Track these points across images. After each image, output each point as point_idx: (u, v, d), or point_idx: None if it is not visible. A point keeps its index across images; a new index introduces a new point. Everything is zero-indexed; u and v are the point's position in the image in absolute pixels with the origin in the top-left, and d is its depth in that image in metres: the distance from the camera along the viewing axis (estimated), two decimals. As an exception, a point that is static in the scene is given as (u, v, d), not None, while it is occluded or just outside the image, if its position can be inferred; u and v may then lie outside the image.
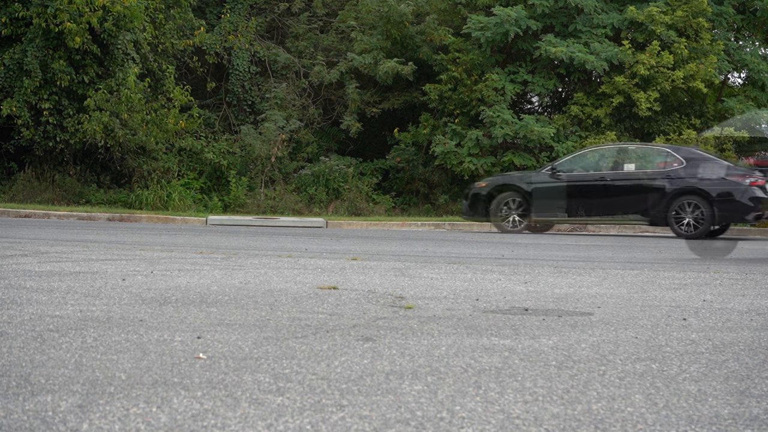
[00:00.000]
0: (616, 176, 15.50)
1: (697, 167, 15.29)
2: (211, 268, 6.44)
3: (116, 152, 19.88)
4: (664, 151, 15.72)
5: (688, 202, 14.99)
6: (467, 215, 16.24)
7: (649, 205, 15.23)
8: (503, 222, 15.64)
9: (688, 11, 21.46)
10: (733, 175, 15.18)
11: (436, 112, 23.06)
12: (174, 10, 22.02)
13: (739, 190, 15.10)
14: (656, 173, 15.30)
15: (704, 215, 14.90)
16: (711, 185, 15.05)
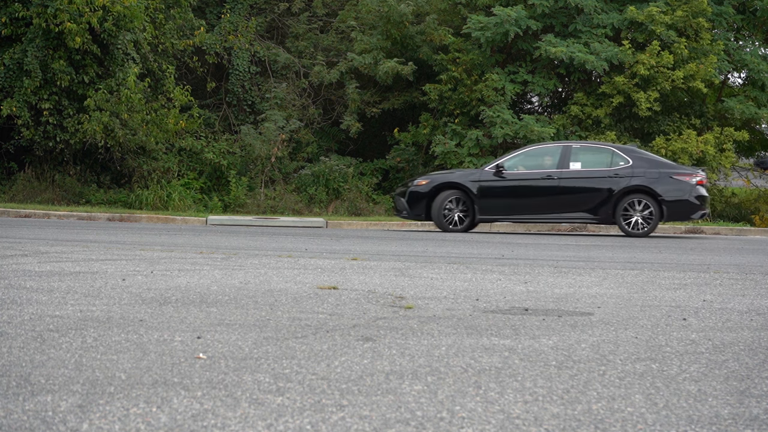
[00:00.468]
0: (563, 175, 15.27)
1: (644, 166, 15.30)
2: (211, 268, 6.44)
3: (116, 152, 19.88)
4: (610, 150, 15.61)
5: (637, 200, 14.97)
6: (406, 215, 15.48)
7: (597, 203, 15.12)
8: (445, 221, 15.18)
9: (688, 11, 21.46)
10: (680, 174, 15.29)
11: (436, 112, 23.06)
12: (174, 10, 22.03)
13: (686, 189, 15.20)
14: (604, 172, 15.23)
15: (653, 214, 14.93)
16: (659, 184, 15.09)
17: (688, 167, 16.16)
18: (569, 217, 15.27)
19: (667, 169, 15.40)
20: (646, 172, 15.25)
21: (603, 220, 15.20)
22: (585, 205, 15.17)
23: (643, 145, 21.56)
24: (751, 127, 24.18)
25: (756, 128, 24.88)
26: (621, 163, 15.33)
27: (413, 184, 15.61)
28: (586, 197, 15.18)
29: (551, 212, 15.22)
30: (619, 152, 15.55)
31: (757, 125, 24.70)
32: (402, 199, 15.59)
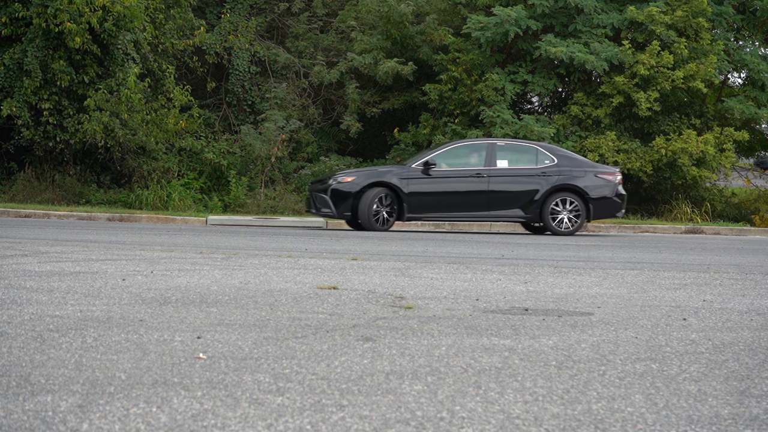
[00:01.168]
0: (492, 173, 15.03)
1: (569, 165, 15.23)
2: (211, 268, 6.44)
3: (116, 152, 19.88)
4: (534, 148, 15.48)
5: (564, 199, 14.92)
6: (331, 213, 14.69)
7: (526, 202, 14.97)
8: (375, 220, 14.52)
9: (688, 11, 21.47)
10: (603, 173, 15.30)
11: (436, 112, 23.06)
12: (174, 10, 22.02)
13: (610, 188, 15.23)
14: (532, 170, 15.10)
15: (580, 212, 14.92)
16: (585, 182, 15.05)
17: (609, 166, 16.15)
18: (499, 215, 15.03)
19: (591, 167, 15.35)
20: (572, 170, 15.16)
21: (532, 219, 15.05)
22: (515, 204, 14.97)
23: (643, 145, 21.56)
24: (751, 127, 24.18)
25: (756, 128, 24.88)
26: (546, 162, 15.20)
27: (337, 181, 14.79)
28: (515, 195, 14.98)
29: (481, 210, 14.94)
30: (544, 150, 15.43)
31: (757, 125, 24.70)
32: (324, 196, 14.74)
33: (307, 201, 15.35)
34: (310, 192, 15.26)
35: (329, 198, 14.62)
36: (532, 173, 15.09)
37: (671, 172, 21.33)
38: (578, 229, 15.11)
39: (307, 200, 15.35)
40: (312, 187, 15.33)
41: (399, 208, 14.70)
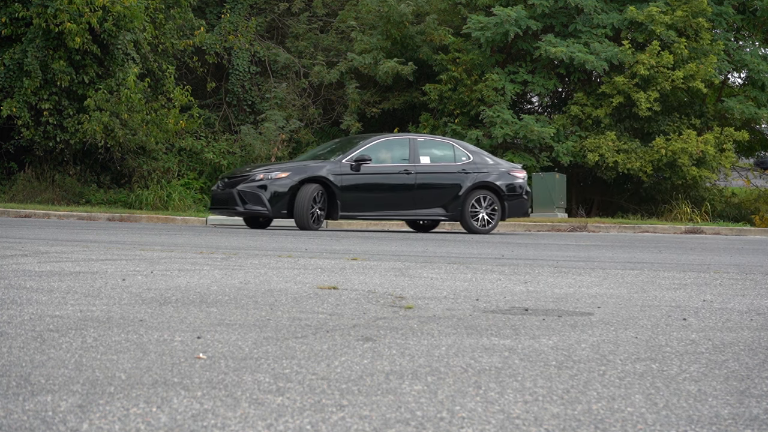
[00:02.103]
0: (418, 169, 14.51)
1: (483, 162, 14.97)
2: (211, 268, 6.44)
3: (116, 152, 19.88)
4: (451, 144, 15.15)
5: (483, 196, 14.69)
6: (265, 212, 13.63)
7: (449, 200, 14.63)
8: (310, 219, 13.64)
9: (688, 11, 21.47)
10: (513, 171, 15.15)
11: (436, 112, 23.06)
12: (174, 10, 22.03)
13: (522, 186, 15.17)
14: (453, 167, 14.76)
15: (496, 210, 14.73)
16: (500, 180, 14.85)
17: (515, 163, 15.99)
18: (424, 213, 14.63)
19: (502, 165, 15.16)
20: (487, 167, 14.88)
21: (454, 217, 14.74)
22: (439, 202, 14.59)
23: (643, 145, 21.56)
24: (751, 127, 24.19)
25: (756, 128, 24.88)
26: (463, 158, 14.90)
27: (272, 177, 13.69)
28: (440, 193, 14.60)
29: (408, 209, 14.47)
30: (460, 147, 15.11)
31: (757, 125, 24.72)
32: (259, 193, 13.58)
33: (223, 199, 13.86)
34: (234, 189, 13.71)
35: (265, 195, 13.54)
36: (453, 170, 14.72)
37: (671, 172, 21.33)
38: (493, 229, 14.82)
39: (223, 198, 13.85)
40: (229, 182, 13.98)
41: (332, 205, 13.89)
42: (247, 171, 14.15)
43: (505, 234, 15.53)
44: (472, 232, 14.68)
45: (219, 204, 14.09)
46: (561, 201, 20.46)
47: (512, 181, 15.02)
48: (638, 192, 23.32)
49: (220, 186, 14.17)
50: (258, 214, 13.79)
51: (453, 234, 15.14)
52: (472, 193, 14.66)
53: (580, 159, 21.35)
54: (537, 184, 20.40)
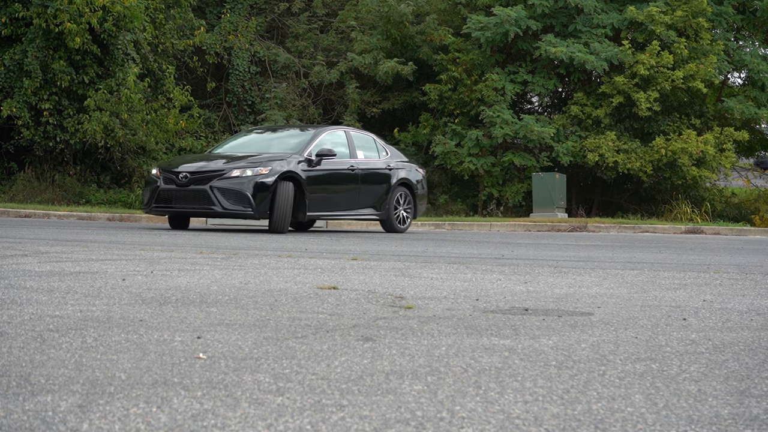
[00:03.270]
0: (359, 165, 13.41)
1: (399, 157, 14.37)
2: (211, 268, 6.43)
3: (116, 152, 19.89)
4: (371, 138, 14.28)
5: (402, 194, 14.03)
6: (249, 213, 12.04)
7: (380, 197, 13.70)
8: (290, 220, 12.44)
9: (688, 11, 21.48)
10: (418, 168, 14.67)
11: (436, 112, 23.07)
12: (174, 10, 22.03)
13: (425, 184, 14.74)
14: (381, 162, 13.88)
15: (410, 209, 14.17)
16: (413, 177, 14.30)
17: (415, 160, 15.48)
18: (363, 213, 13.53)
19: (409, 161, 14.61)
20: (402, 164, 14.25)
21: (382, 216, 13.79)
22: (373, 200, 13.60)
23: (643, 145, 21.57)
24: (751, 127, 24.20)
25: (756, 128, 24.89)
26: (383, 154, 14.11)
27: (249, 174, 12.06)
28: (375, 191, 13.64)
29: (352, 208, 13.34)
30: (378, 141, 14.31)
31: (757, 125, 24.72)
32: (242, 191, 11.99)
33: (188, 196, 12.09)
34: (206, 187, 11.99)
35: (250, 193, 11.94)
36: (382, 167, 13.84)
37: (671, 172, 21.33)
38: (409, 227, 14.31)
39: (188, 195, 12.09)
40: (194, 177, 12.12)
41: (299, 205, 12.48)
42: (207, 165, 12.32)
43: (504, 234, 15.53)
44: (394, 231, 13.95)
45: (182, 202, 12.15)
46: (561, 201, 20.45)
47: (420, 178, 14.42)
48: (638, 192, 23.32)
49: (178, 181, 12.13)
50: (241, 216, 12.12)
51: (372, 233, 15.13)
52: (395, 191, 13.85)
53: (580, 159, 21.35)
54: (537, 184, 20.39)
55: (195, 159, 13.03)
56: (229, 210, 12.01)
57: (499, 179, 21.79)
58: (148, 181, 12.76)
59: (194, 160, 12.79)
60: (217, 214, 12.27)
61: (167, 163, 12.86)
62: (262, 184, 11.96)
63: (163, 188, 12.30)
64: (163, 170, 12.47)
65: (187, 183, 12.14)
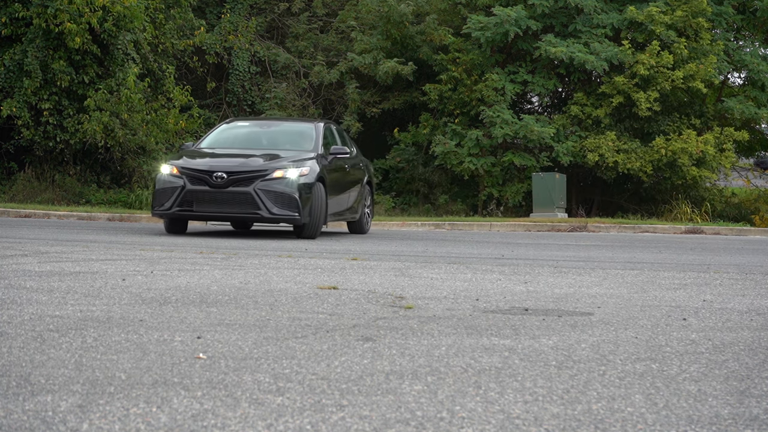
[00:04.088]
0: (348, 163, 12.49)
1: (359, 153, 13.68)
2: (211, 268, 6.43)
3: (116, 152, 19.89)
4: (342, 130, 13.57)
5: (368, 192, 13.30)
6: (296, 218, 10.80)
7: (357, 196, 12.80)
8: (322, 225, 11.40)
9: (688, 11, 21.49)
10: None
11: (436, 112, 23.08)
12: (174, 10, 22.03)
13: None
14: (358, 158, 13.18)
15: (371, 207, 13.52)
16: (372, 174, 13.68)
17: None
18: (346, 214, 12.50)
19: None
20: (364, 160, 13.39)
21: (355, 216, 12.83)
22: (355, 199, 12.69)
23: (643, 145, 21.58)
24: (751, 127, 24.20)
25: (756, 128, 24.90)
26: (353, 150, 13.14)
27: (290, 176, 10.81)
28: (357, 189, 12.72)
29: (346, 208, 12.39)
30: (346, 134, 13.54)
31: (757, 125, 24.72)
32: (289, 192, 10.78)
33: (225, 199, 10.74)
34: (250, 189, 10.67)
35: (298, 197, 10.77)
36: (359, 163, 13.05)
37: (671, 172, 21.34)
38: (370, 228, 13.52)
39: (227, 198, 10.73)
40: (231, 178, 10.71)
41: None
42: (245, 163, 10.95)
43: (504, 234, 15.53)
44: (362, 232, 13.19)
45: (218, 206, 10.77)
46: (561, 201, 20.45)
47: (373, 173, 13.81)
48: (638, 192, 23.33)
49: (212, 181, 10.71)
50: (288, 221, 10.92)
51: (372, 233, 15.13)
52: (365, 189, 13.02)
53: (580, 159, 21.37)
54: (537, 184, 20.40)
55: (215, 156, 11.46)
56: (277, 215, 10.76)
57: (499, 179, 21.80)
58: (162, 182, 11.00)
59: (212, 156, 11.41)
60: (263, 219, 10.94)
61: (186, 161, 11.18)
62: (306, 186, 10.85)
63: (192, 189, 10.76)
64: (186, 169, 10.94)
65: (224, 184, 10.69)
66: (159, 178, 11.22)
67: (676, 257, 9.41)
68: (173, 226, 11.51)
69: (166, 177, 11.09)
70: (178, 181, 10.90)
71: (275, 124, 13.21)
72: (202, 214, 11.16)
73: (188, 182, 10.84)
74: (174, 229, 11.51)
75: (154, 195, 11.21)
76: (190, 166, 11.08)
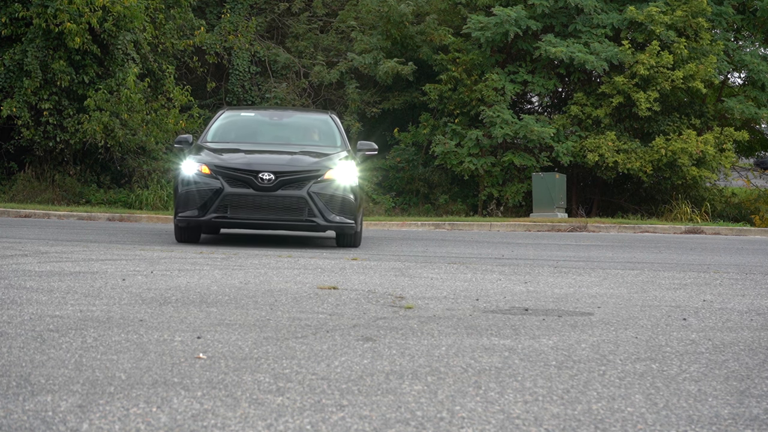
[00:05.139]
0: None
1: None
2: (211, 268, 6.43)
3: (116, 152, 19.89)
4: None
5: None
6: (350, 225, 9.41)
7: None
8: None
9: (688, 11, 21.49)
10: None
11: (436, 112, 23.08)
12: (174, 10, 22.03)
13: None
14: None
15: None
16: None
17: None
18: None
19: None
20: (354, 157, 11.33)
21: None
22: None
23: (643, 145, 21.58)
24: (751, 127, 24.20)
25: (756, 128, 24.90)
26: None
27: (350, 175, 9.54)
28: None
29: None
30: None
31: (757, 125, 24.72)
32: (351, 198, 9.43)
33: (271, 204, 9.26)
34: (304, 192, 9.27)
35: (354, 201, 9.49)
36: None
37: (671, 172, 21.35)
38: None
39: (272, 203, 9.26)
40: (280, 180, 9.24)
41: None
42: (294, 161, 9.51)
43: (504, 234, 15.53)
44: (355, 245, 10.23)
45: (265, 212, 9.25)
46: (561, 201, 20.44)
47: None
48: (638, 192, 23.33)
49: (257, 183, 9.20)
50: (344, 229, 9.42)
51: (372, 234, 15.13)
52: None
53: (580, 159, 21.36)
54: (537, 184, 20.40)
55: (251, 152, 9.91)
56: (333, 223, 9.27)
57: (499, 179, 21.79)
58: (189, 182, 9.31)
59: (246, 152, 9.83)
60: (318, 228, 9.38)
61: (215, 157, 9.57)
62: (359, 189, 9.66)
63: (232, 192, 9.20)
64: (221, 168, 9.32)
65: (272, 187, 9.20)
66: (183, 177, 9.37)
67: (676, 257, 9.41)
68: (188, 234, 9.80)
69: (194, 177, 9.31)
70: (214, 183, 9.23)
71: (285, 115, 11.89)
72: (243, 221, 9.37)
73: (226, 184, 9.20)
74: (187, 238, 9.82)
75: (178, 198, 9.40)
76: (225, 164, 9.36)
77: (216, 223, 9.37)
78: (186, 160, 9.54)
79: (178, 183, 9.44)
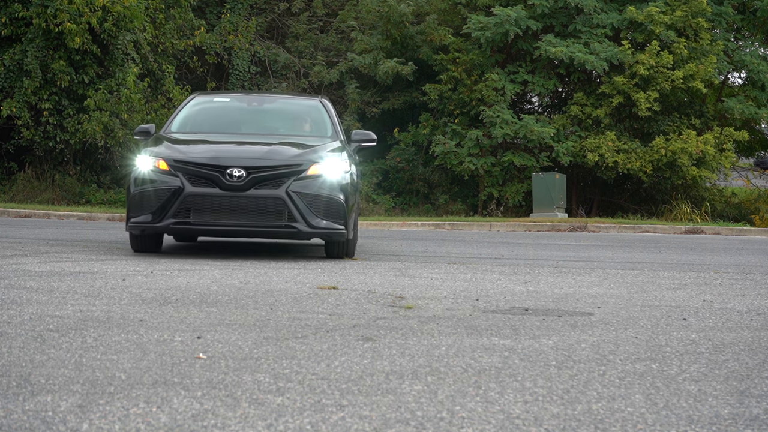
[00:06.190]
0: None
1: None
2: (211, 268, 6.43)
3: (116, 152, 19.89)
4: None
5: None
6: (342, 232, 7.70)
7: None
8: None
9: (688, 11, 21.49)
10: None
11: (436, 112, 23.08)
12: (174, 10, 22.03)
13: None
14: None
15: None
16: None
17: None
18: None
19: None
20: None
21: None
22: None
23: (643, 145, 21.59)
24: (751, 127, 24.20)
25: (756, 128, 24.89)
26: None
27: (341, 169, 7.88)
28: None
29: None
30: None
31: (757, 125, 24.72)
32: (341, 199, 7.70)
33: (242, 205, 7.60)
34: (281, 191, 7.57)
35: (344, 202, 7.82)
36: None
37: (671, 172, 21.34)
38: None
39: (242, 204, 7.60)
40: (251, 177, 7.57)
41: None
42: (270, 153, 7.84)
43: (504, 234, 15.53)
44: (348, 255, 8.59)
45: (236, 216, 7.58)
46: (561, 201, 20.44)
47: None
48: (638, 192, 23.33)
49: (226, 181, 7.54)
50: (332, 236, 7.73)
51: (370, 234, 15.12)
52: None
53: (580, 159, 21.36)
54: (537, 184, 20.39)
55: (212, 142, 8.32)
56: (318, 229, 7.58)
57: (499, 179, 21.79)
58: (143, 181, 7.73)
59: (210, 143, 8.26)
60: (300, 235, 7.70)
61: (174, 150, 7.90)
62: (350, 188, 8.00)
63: (194, 193, 7.59)
64: (181, 163, 7.69)
65: (243, 185, 7.58)
66: (137, 175, 7.80)
67: (676, 257, 9.41)
68: (144, 243, 8.25)
69: (149, 174, 7.71)
70: (172, 181, 7.62)
71: (267, 100, 10.33)
72: (208, 228, 7.74)
73: (188, 182, 7.58)
74: (145, 247, 8.26)
75: (130, 200, 7.81)
76: (186, 159, 7.73)
77: (175, 230, 7.79)
78: (141, 155, 7.90)
79: (131, 182, 7.84)
